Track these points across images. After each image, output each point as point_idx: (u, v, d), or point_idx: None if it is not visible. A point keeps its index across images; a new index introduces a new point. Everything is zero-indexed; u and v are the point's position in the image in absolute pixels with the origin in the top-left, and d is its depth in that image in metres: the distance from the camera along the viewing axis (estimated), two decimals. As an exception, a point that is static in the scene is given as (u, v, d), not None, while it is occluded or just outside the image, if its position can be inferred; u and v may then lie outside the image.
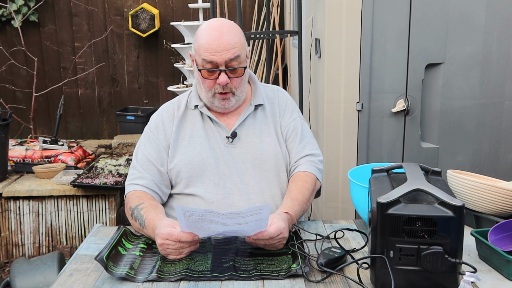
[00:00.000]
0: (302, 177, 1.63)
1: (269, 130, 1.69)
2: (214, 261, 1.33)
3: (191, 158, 1.61)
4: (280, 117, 1.72)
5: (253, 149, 1.64)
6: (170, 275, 1.27)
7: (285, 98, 1.78)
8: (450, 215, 1.11)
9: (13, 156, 3.57)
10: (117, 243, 1.40)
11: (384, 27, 2.30)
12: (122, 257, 1.36)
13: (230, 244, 1.43)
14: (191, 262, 1.32)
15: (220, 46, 1.52)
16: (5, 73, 4.83)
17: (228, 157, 1.63)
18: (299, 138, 1.69)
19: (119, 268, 1.29)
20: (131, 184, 1.61)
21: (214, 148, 1.64)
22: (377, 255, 1.16)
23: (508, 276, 1.25)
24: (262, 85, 1.79)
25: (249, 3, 4.90)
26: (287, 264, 1.31)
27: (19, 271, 2.60)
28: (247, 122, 1.68)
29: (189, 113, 1.69)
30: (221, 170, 1.62)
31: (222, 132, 1.66)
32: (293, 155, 1.68)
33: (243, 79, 1.60)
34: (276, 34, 3.09)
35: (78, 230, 3.28)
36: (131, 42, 5.00)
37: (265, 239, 1.34)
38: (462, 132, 2.40)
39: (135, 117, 4.49)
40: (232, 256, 1.34)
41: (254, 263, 1.32)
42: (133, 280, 1.25)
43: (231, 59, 1.53)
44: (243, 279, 1.24)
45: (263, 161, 1.63)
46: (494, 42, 2.31)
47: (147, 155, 1.63)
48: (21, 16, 4.70)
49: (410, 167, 1.29)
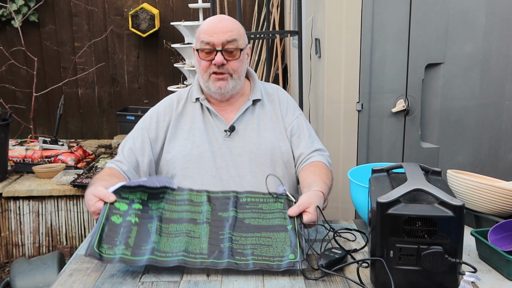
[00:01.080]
0: (322, 165, 1.67)
1: (267, 126, 1.73)
2: (212, 236, 1.32)
3: (189, 150, 1.67)
4: (283, 116, 1.76)
5: (250, 143, 1.69)
6: (167, 257, 1.25)
7: (285, 97, 1.82)
8: (450, 215, 1.11)
9: (13, 156, 3.57)
10: (109, 213, 1.33)
11: (384, 27, 2.30)
12: (118, 229, 1.31)
13: (228, 211, 1.41)
14: (188, 239, 1.30)
15: (217, 28, 1.63)
16: (5, 73, 4.83)
17: (225, 150, 1.68)
18: (307, 135, 1.74)
19: (115, 249, 1.26)
20: (111, 162, 1.69)
21: (212, 141, 1.69)
22: (375, 257, 1.16)
23: (508, 276, 1.25)
24: (262, 83, 1.84)
25: (249, 3, 4.91)
26: (284, 249, 1.29)
27: (19, 271, 2.61)
28: (246, 116, 1.73)
29: (190, 107, 1.75)
30: (218, 163, 1.66)
31: (220, 125, 1.71)
32: (303, 150, 1.72)
33: (241, 63, 1.66)
34: (276, 34, 3.09)
35: (78, 230, 3.28)
36: (131, 42, 5.00)
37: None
38: (462, 132, 2.40)
39: (135, 117, 4.49)
40: (229, 232, 1.33)
41: (251, 243, 1.31)
42: (130, 263, 1.24)
43: (228, 41, 1.62)
44: (241, 268, 1.24)
45: (259, 155, 1.67)
46: (494, 42, 2.31)
47: (131, 145, 1.71)
48: (21, 16, 4.70)
49: (410, 167, 1.29)
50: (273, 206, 1.45)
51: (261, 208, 1.44)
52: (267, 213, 1.41)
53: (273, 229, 1.36)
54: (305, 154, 1.71)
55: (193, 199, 1.45)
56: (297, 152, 1.73)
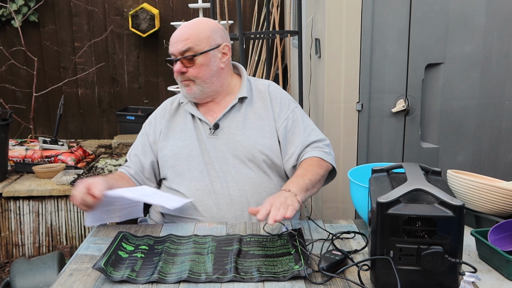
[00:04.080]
0: (311, 160, 1.69)
1: (253, 124, 1.77)
2: (216, 262, 1.33)
3: (180, 149, 1.76)
4: (276, 112, 1.78)
5: (234, 140, 1.74)
6: (171, 276, 1.26)
7: (278, 92, 1.84)
8: (450, 215, 1.11)
9: (13, 156, 3.57)
10: (116, 248, 1.39)
11: (384, 27, 2.30)
12: (124, 261, 1.35)
13: (232, 245, 1.43)
14: (192, 263, 1.32)
15: (175, 38, 1.72)
16: (5, 73, 4.83)
17: (210, 147, 1.75)
18: (302, 128, 1.77)
19: (120, 272, 1.28)
20: (122, 167, 1.85)
21: (200, 139, 1.77)
22: (380, 256, 1.16)
23: (508, 276, 1.25)
24: (254, 79, 1.87)
25: (249, 3, 4.90)
26: (289, 265, 1.30)
27: (19, 271, 2.60)
28: (231, 114, 1.78)
29: (181, 108, 1.84)
30: (205, 159, 1.74)
31: (205, 125, 1.78)
32: (299, 145, 1.75)
33: (203, 69, 1.72)
34: (276, 34, 3.09)
35: (78, 230, 3.28)
36: (131, 42, 5.00)
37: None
38: (462, 132, 2.40)
39: (135, 117, 4.49)
40: (234, 257, 1.34)
41: (256, 265, 1.31)
42: (135, 282, 1.25)
43: (183, 50, 1.69)
44: (246, 281, 1.24)
45: (242, 152, 1.73)
46: (494, 42, 2.31)
47: (135, 150, 1.85)
48: (21, 16, 4.70)
49: (410, 167, 1.29)
50: (276, 242, 1.46)
51: (265, 244, 1.45)
52: (270, 248, 1.43)
53: (278, 256, 1.37)
54: (299, 150, 1.75)
55: (198, 241, 1.48)
56: (291, 149, 1.75)
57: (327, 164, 1.72)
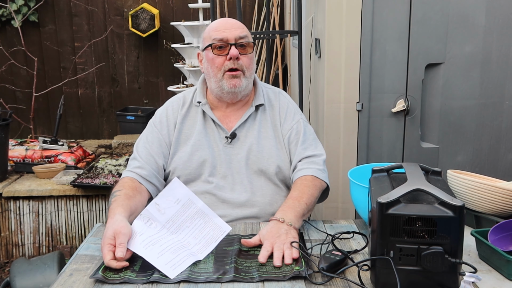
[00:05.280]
0: (305, 181, 1.63)
1: (267, 133, 1.72)
2: (216, 262, 1.33)
3: (190, 156, 1.67)
4: (281, 123, 1.74)
5: (250, 150, 1.68)
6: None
7: (286, 101, 1.80)
8: (450, 215, 1.11)
9: (13, 156, 3.57)
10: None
11: (384, 27, 2.30)
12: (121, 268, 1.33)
13: (232, 246, 1.43)
14: (193, 265, 1.32)
15: (228, 24, 1.65)
16: (5, 73, 4.83)
17: (225, 157, 1.67)
18: (301, 140, 1.72)
19: (120, 273, 1.28)
20: (129, 171, 1.64)
21: (213, 147, 1.69)
22: (380, 256, 1.16)
23: (508, 276, 1.25)
24: (264, 86, 1.82)
25: (249, 3, 4.90)
26: (289, 266, 1.30)
27: (19, 271, 2.60)
28: (248, 123, 1.72)
29: (193, 110, 1.74)
30: (217, 169, 1.67)
31: (221, 131, 1.70)
32: (295, 158, 1.71)
33: (252, 60, 1.67)
34: (276, 34, 3.09)
35: (78, 230, 3.28)
36: (131, 42, 5.00)
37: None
38: (462, 132, 2.40)
39: (135, 117, 4.49)
40: (234, 257, 1.34)
41: (256, 265, 1.31)
42: (135, 282, 1.24)
43: (241, 36, 1.63)
44: (246, 281, 1.24)
45: (256, 162, 1.68)
46: (494, 42, 2.31)
47: (148, 148, 1.68)
48: (21, 16, 4.70)
49: (410, 167, 1.29)
50: None
51: None
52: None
53: None
54: (294, 163, 1.70)
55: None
56: (291, 161, 1.72)
57: (322, 182, 1.66)
